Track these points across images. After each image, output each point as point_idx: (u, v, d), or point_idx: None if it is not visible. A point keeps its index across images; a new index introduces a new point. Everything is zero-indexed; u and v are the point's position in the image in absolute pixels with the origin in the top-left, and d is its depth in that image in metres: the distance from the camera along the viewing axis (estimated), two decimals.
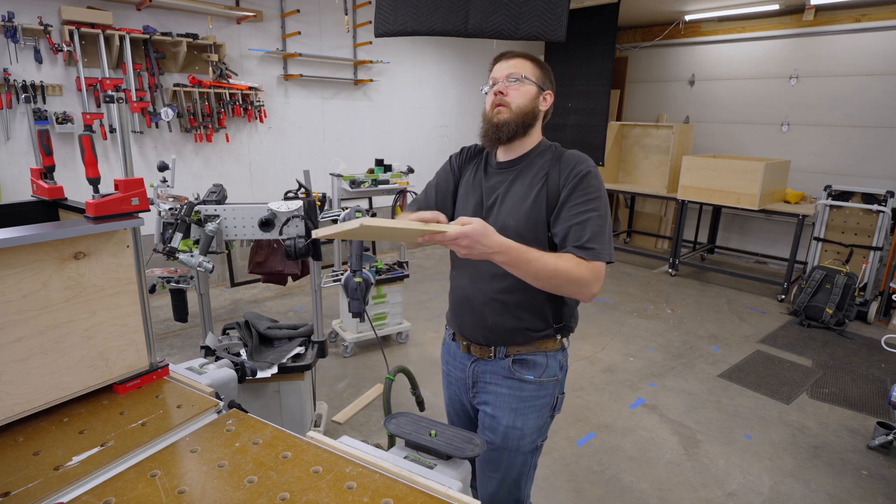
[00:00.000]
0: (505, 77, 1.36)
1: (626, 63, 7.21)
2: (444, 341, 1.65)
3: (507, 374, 1.44)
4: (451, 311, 1.56)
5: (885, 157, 5.28)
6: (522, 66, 1.37)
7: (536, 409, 1.44)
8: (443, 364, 1.66)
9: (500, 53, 1.43)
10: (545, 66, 1.41)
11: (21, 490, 0.91)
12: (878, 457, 2.72)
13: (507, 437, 1.44)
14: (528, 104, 1.35)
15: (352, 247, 2.22)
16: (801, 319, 4.49)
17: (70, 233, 1.09)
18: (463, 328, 1.50)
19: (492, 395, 1.46)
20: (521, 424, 1.44)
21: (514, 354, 1.43)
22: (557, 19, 1.56)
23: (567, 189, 1.30)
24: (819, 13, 5.43)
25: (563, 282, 1.19)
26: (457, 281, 1.51)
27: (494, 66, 1.41)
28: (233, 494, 0.91)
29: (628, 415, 3.06)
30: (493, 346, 1.44)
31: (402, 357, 3.68)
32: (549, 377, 1.44)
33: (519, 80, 1.35)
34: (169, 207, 2.11)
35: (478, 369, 1.49)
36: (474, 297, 1.43)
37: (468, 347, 1.49)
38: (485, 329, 1.43)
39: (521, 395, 1.43)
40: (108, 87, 3.89)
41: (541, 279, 1.18)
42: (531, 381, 1.42)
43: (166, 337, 3.85)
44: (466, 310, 1.46)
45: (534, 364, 1.43)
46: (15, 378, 1.05)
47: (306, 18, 5.05)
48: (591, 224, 1.26)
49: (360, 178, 3.75)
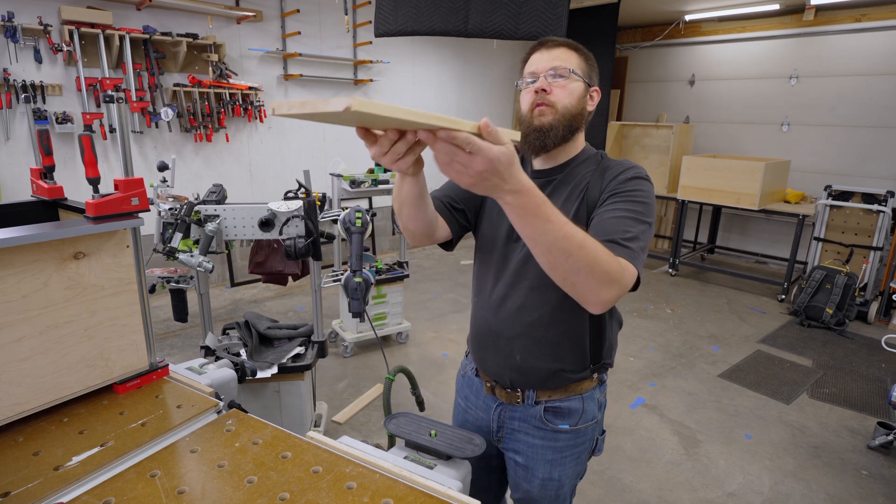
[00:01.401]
0: (548, 71, 1.11)
1: (626, 63, 7.21)
2: (464, 373, 1.42)
3: (538, 423, 1.26)
4: (472, 341, 1.33)
5: (885, 157, 5.28)
6: (569, 57, 1.13)
7: (574, 457, 1.29)
8: (459, 398, 1.44)
9: (540, 41, 1.18)
10: (591, 56, 1.18)
11: (21, 490, 0.91)
12: (879, 457, 2.72)
13: (545, 488, 1.30)
14: (575, 105, 1.12)
15: (352, 247, 2.22)
16: (801, 319, 4.49)
17: (70, 233, 1.09)
18: (485, 365, 1.29)
19: (522, 444, 1.29)
20: (559, 476, 1.28)
21: (546, 401, 1.24)
22: (557, 19, 1.56)
23: (608, 191, 1.09)
24: (819, 13, 5.43)
25: (585, 266, 0.86)
26: (479, 310, 1.28)
27: (533, 56, 1.16)
28: (233, 494, 0.91)
29: (628, 415, 3.06)
30: (521, 390, 1.25)
31: (402, 357, 3.68)
32: (586, 422, 1.27)
33: (565, 77, 1.12)
34: (169, 207, 2.11)
35: (504, 415, 1.30)
36: (501, 330, 1.21)
37: (492, 389, 1.30)
38: (511, 369, 1.23)
39: (556, 446, 1.27)
40: (107, 87, 3.89)
41: (555, 252, 0.84)
42: (567, 431, 1.26)
43: (166, 337, 3.85)
44: (489, 345, 1.26)
45: (569, 412, 1.24)
46: (15, 378, 1.05)
47: (306, 18, 5.05)
48: (634, 224, 1.01)
49: (360, 178, 3.75)
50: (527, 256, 1.15)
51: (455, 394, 1.48)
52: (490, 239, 1.24)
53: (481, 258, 1.28)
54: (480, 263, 1.28)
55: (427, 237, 1.18)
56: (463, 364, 1.45)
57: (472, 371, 1.38)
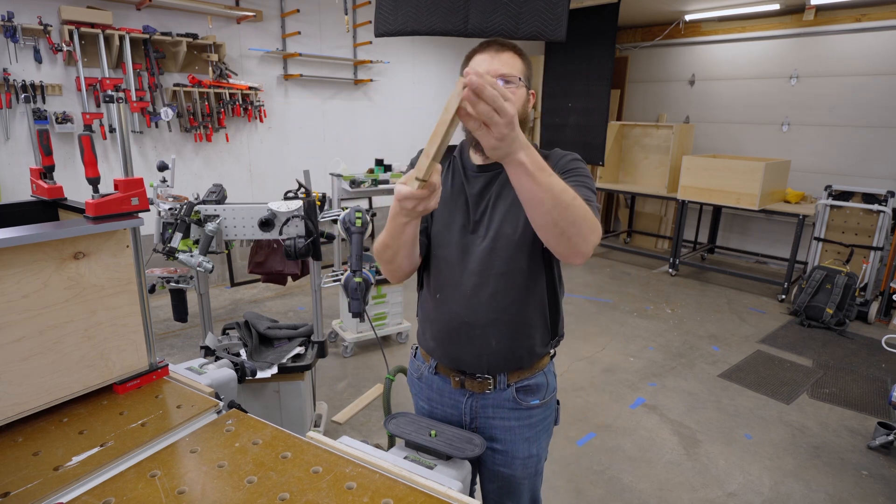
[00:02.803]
0: (498, 78, 1.13)
1: (626, 63, 7.21)
2: (420, 375, 1.41)
3: (512, 405, 1.30)
4: (435, 340, 1.32)
5: (885, 157, 5.28)
6: (515, 63, 1.16)
7: (545, 429, 1.37)
8: (420, 401, 1.43)
9: (486, 42, 1.19)
10: (528, 57, 1.22)
11: (21, 490, 0.91)
12: (879, 457, 2.72)
13: (525, 467, 1.34)
14: (522, 110, 1.16)
15: (352, 247, 2.22)
16: (801, 319, 4.48)
17: (70, 233, 1.09)
18: (458, 360, 1.29)
19: (499, 430, 1.32)
20: (537, 451, 1.35)
21: (516, 382, 1.29)
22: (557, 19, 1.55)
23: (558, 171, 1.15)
24: (819, 13, 5.43)
25: (581, 216, 0.96)
26: (445, 305, 1.27)
27: (478, 57, 1.17)
28: (233, 495, 0.91)
29: (628, 415, 3.06)
30: (493, 376, 1.28)
31: (402, 357, 3.67)
32: (550, 394, 1.36)
33: (514, 84, 1.14)
34: (169, 207, 2.11)
35: (476, 405, 1.32)
36: (473, 320, 1.23)
37: (461, 383, 1.31)
38: (489, 356, 1.26)
39: (530, 423, 1.32)
40: (107, 87, 3.89)
41: (559, 206, 0.92)
42: (537, 406, 1.32)
43: (166, 337, 3.85)
44: (463, 337, 1.26)
45: (537, 388, 1.32)
46: (15, 378, 1.05)
47: (306, 18, 5.05)
48: (590, 192, 1.13)
49: (360, 178, 3.75)
50: (491, 246, 1.20)
51: (412, 398, 1.48)
52: (444, 236, 1.26)
53: (438, 256, 1.28)
54: (438, 261, 1.28)
55: (413, 269, 1.27)
56: (414, 367, 1.44)
57: (429, 371, 1.37)
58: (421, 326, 1.39)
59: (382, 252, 1.18)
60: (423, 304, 1.37)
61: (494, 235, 1.19)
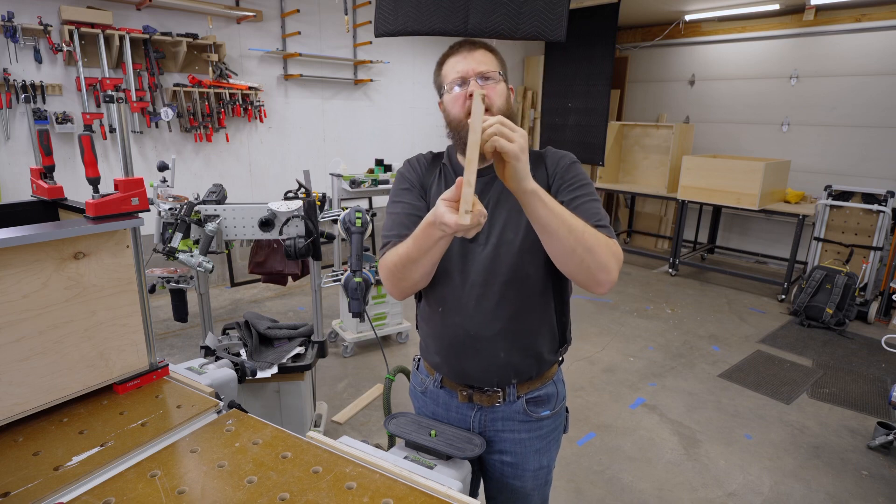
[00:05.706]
0: (476, 76, 1.12)
1: (626, 63, 7.21)
2: (424, 389, 1.36)
3: (523, 417, 1.27)
4: (440, 355, 1.28)
5: (885, 157, 5.28)
6: (490, 59, 1.16)
7: (555, 439, 1.34)
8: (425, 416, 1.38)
9: (457, 44, 1.19)
10: (499, 53, 1.22)
11: (21, 490, 0.91)
12: (879, 457, 2.72)
13: (536, 478, 1.32)
14: (505, 105, 1.15)
15: (352, 247, 2.22)
16: (801, 319, 4.48)
17: (70, 233, 1.09)
18: (465, 374, 1.25)
19: (509, 442, 1.29)
20: (548, 462, 1.33)
21: (526, 393, 1.26)
22: (557, 19, 1.55)
23: (557, 180, 1.17)
24: (819, 13, 5.43)
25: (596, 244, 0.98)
26: (449, 318, 1.22)
27: (450, 61, 1.17)
28: (233, 494, 0.91)
29: (628, 415, 3.06)
30: (503, 388, 1.25)
31: (402, 357, 3.67)
32: (560, 404, 1.32)
33: (494, 79, 1.14)
34: (169, 207, 2.11)
35: (485, 418, 1.28)
36: (479, 332, 1.19)
37: (469, 397, 1.27)
38: (497, 368, 1.22)
39: (541, 434, 1.29)
40: (107, 87, 3.89)
41: (575, 235, 0.96)
42: (548, 417, 1.29)
43: (166, 337, 3.85)
44: (469, 350, 1.21)
45: (547, 398, 1.28)
46: (15, 378, 1.05)
47: (306, 18, 5.05)
48: (595, 207, 1.12)
49: (360, 178, 3.75)
50: (493, 253, 1.16)
51: (415, 412, 1.43)
52: None
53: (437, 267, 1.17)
54: (437, 273, 1.19)
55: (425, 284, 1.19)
56: (417, 381, 1.39)
57: (434, 384, 1.32)
58: (424, 341, 1.34)
59: (405, 267, 1.09)
60: (424, 317, 1.32)
61: (496, 242, 1.16)
